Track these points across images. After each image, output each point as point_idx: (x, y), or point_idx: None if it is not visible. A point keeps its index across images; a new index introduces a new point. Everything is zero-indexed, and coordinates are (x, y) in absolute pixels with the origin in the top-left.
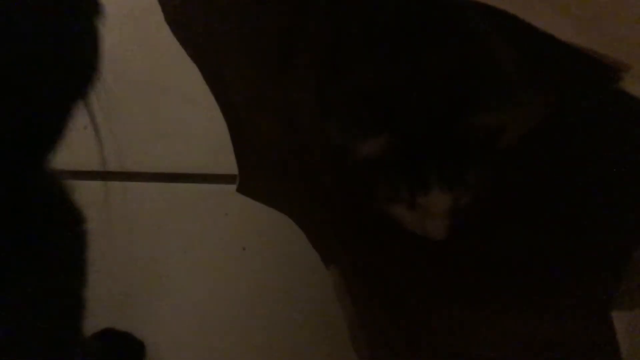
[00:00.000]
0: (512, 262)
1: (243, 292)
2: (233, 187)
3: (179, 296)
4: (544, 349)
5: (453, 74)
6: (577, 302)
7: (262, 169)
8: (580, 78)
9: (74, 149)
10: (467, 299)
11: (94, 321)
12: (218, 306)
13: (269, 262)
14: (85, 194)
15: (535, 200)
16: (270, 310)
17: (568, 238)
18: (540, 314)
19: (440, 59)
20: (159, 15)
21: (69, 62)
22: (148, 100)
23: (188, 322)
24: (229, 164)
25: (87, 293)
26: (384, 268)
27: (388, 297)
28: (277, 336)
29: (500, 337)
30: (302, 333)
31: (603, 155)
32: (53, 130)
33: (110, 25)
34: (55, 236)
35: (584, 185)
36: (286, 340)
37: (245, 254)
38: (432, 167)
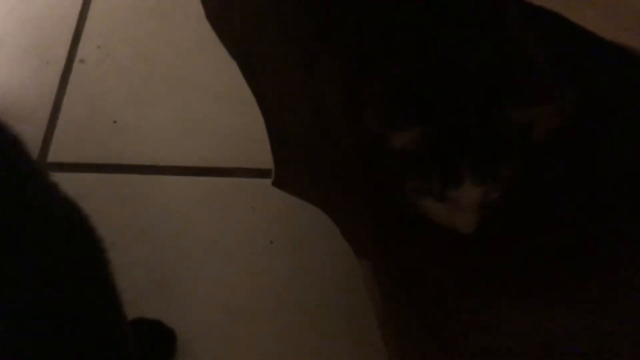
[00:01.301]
0: (541, 255)
1: (270, 284)
2: (260, 180)
3: (208, 287)
4: (569, 344)
5: (486, 67)
6: (609, 296)
7: (296, 163)
8: (612, 76)
9: (104, 143)
10: (494, 293)
11: (126, 310)
12: (245, 298)
13: (296, 255)
14: (116, 187)
15: (565, 194)
16: (296, 303)
17: (599, 231)
18: (570, 307)
19: (472, 51)
20: (186, 10)
21: None
22: (177, 96)
23: (216, 313)
24: (256, 158)
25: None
26: (413, 262)
27: (416, 291)
28: (304, 329)
29: (527, 331)
30: (329, 326)
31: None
32: None
33: (137, 21)
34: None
35: (613, 179)
36: (313, 333)
37: (272, 247)
38: (464, 160)
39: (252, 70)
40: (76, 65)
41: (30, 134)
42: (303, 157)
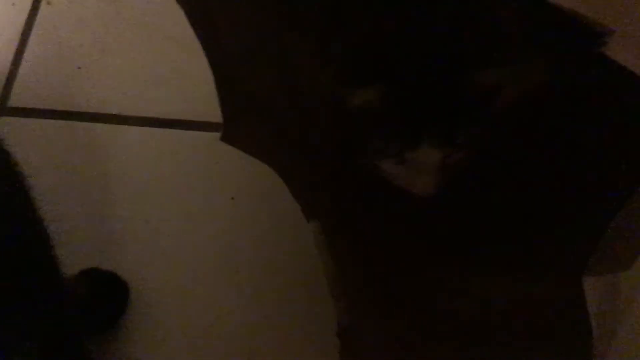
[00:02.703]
0: (495, 222)
1: (230, 241)
2: None
3: (166, 241)
4: (523, 308)
5: (452, 29)
6: (552, 264)
7: (249, 119)
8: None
9: (67, 89)
10: (450, 258)
11: (79, 261)
12: (204, 254)
13: (257, 212)
14: (77, 134)
15: (523, 164)
16: (256, 260)
17: (549, 203)
18: (518, 274)
19: (439, 13)
20: None
21: None
22: (145, 44)
23: (173, 268)
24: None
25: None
26: (370, 224)
27: (371, 252)
28: (263, 284)
29: (483, 296)
30: (288, 281)
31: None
32: None
33: None
34: None
35: (569, 153)
36: (272, 289)
37: (233, 203)
38: (423, 122)
39: (209, 19)
40: (43, 6)
41: None
42: (257, 113)
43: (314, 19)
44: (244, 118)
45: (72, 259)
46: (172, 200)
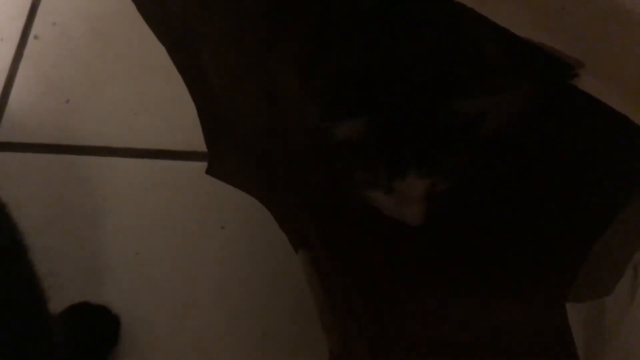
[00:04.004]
0: (481, 248)
1: (220, 270)
2: None
3: (156, 273)
4: (505, 332)
5: (435, 59)
6: (534, 290)
7: (234, 152)
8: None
9: (56, 123)
10: (437, 285)
11: (70, 295)
12: (195, 284)
13: (248, 241)
14: (67, 168)
15: (506, 190)
16: (248, 289)
17: (532, 228)
18: (501, 299)
19: (423, 43)
20: None
21: None
22: (132, 76)
23: (164, 299)
24: None
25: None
26: (359, 253)
27: (361, 282)
28: (254, 315)
29: (469, 320)
30: (279, 312)
31: (570, 148)
32: None
33: None
34: None
35: (553, 177)
36: (264, 318)
37: (224, 232)
38: (409, 152)
39: (193, 53)
40: (30, 41)
41: None
42: (243, 146)
43: (298, 51)
44: (229, 151)
45: (62, 294)
46: (162, 231)
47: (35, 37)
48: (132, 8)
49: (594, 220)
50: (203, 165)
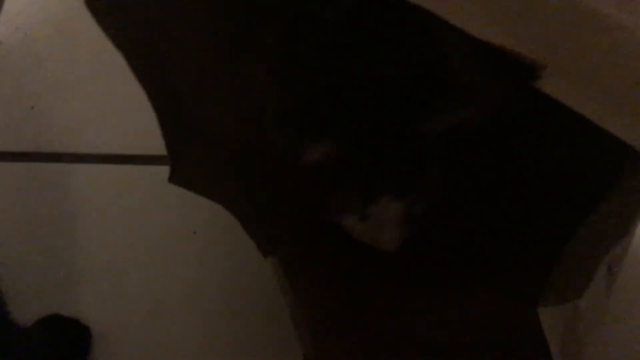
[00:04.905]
0: (456, 251)
1: (194, 276)
2: None
3: (127, 281)
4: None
5: (403, 79)
6: (508, 292)
7: (199, 158)
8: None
9: (22, 130)
10: (414, 285)
11: (41, 307)
12: (168, 291)
13: (221, 246)
14: (34, 176)
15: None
16: (221, 296)
17: (505, 233)
18: (478, 300)
19: (390, 63)
20: None
21: None
22: (99, 80)
23: (136, 308)
24: None
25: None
26: (329, 257)
27: (331, 284)
28: (228, 321)
29: (446, 320)
30: (253, 318)
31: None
32: None
33: (58, 1)
34: None
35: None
36: (238, 323)
37: (196, 238)
38: (383, 174)
39: (154, 59)
40: None
41: None
42: (210, 152)
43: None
44: (193, 157)
45: (31, 306)
46: (133, 238)
47: None
48: None
49: (565, 223)
50: None
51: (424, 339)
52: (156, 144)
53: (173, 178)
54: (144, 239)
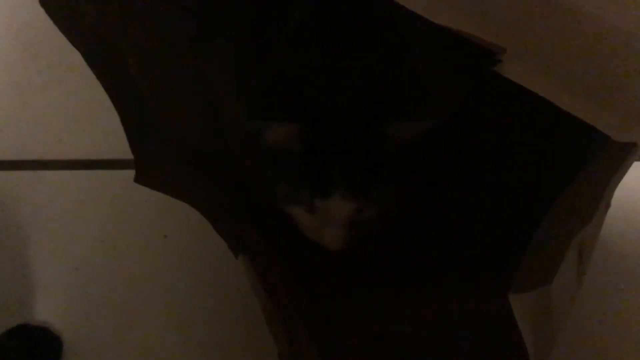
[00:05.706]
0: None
1: (165, 280)
2: None
3: (97, 287)
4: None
5: (373, 80)
6: (477, 282)
7: (164, 157)
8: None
9: None
10: (381, 283)
11: (8, 317)
12: (138, 296)
13: (191, 249)
14: None
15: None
16: (192, 298)
17: (473, 222)
18: (445, 293)
19: (362, 63)
20: None
21: None
22: (61, 84)
23: (107, 314)
24: None
25: None
26: (300, 253)
27: (305, 281)
28: (201, 324)
29: (415, 314)
30: (226, 319)
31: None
32: None
33: (18, 5)
34: None
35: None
36: (210, 326)
37: (166, 241)
38: (338, 171)
39: (114, 59)
40: None
41: None
42: (176, 150)
43: (234, 50)
44: (159, 156)
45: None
46: (102, 243)
47: None
48: None
49: (534, 209)
50: None
51: (402, 336)
52: (121, 148)
53: (138, 178)
54: (112, 244)
